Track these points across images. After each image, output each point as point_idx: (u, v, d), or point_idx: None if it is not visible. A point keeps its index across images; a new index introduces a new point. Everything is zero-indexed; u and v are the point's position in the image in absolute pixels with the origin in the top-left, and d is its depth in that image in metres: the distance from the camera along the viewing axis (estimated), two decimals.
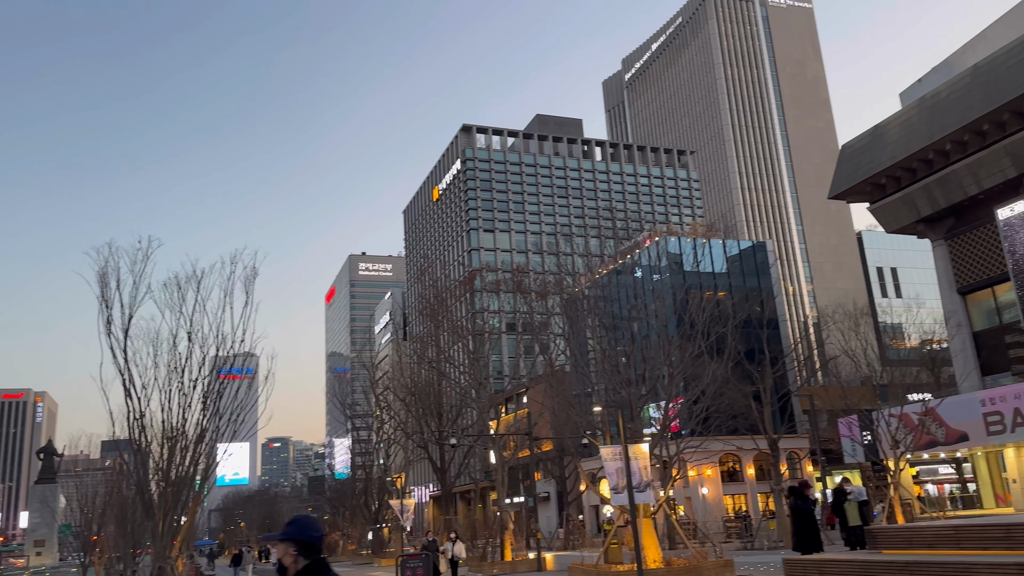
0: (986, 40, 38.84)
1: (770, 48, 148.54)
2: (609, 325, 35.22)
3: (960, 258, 40.52)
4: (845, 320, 37.94)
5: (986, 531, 10.14)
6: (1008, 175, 35.86)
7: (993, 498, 38.46)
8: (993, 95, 34.48)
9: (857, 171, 42.41)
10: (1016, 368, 37.64)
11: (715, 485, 57.21)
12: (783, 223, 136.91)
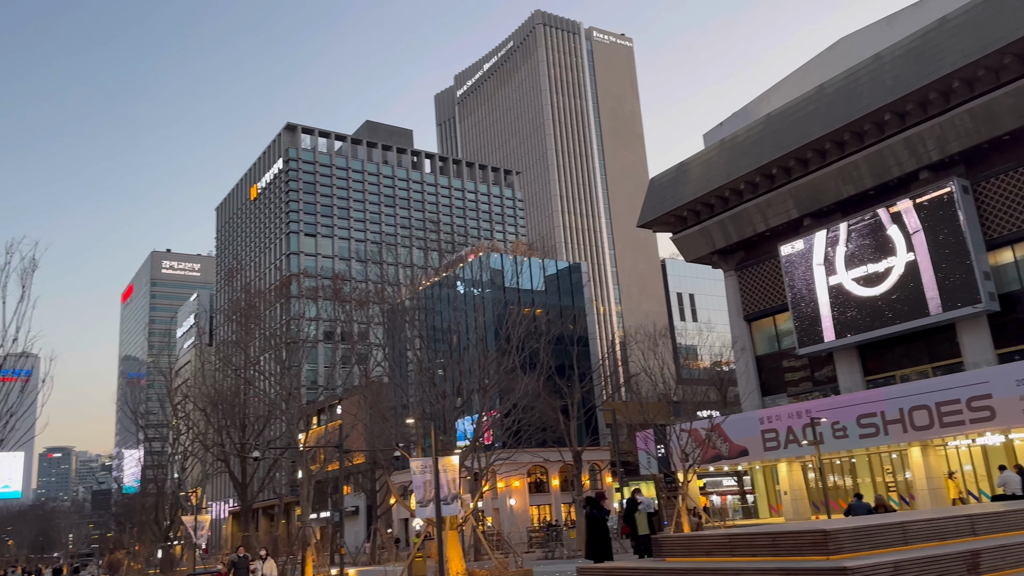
0: (779, 92, 43.22)
1: (593, 81, 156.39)
2: (429, 337, 35.24)
3: (748, 288, 44.59)
4: (646, 340, 40.47)
5: (755, 539, 11.07)
6: (791, 216, 40.05)
7: (768, 509, 42.41)
8: (782, 143, 38.41)
9: (663, 203, 45.55)
10: (791, 390, 41.93)
11: (522, 496, 58.68)
12: (598, 247, 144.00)
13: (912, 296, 34.30)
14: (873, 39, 38.27)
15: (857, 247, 36.79)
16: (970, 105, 31.64)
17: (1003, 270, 32.91)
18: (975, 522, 11.90)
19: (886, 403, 32.03)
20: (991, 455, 31.54)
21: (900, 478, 35.05)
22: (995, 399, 28.28)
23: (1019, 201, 32.23)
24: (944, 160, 33.62)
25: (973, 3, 31.41)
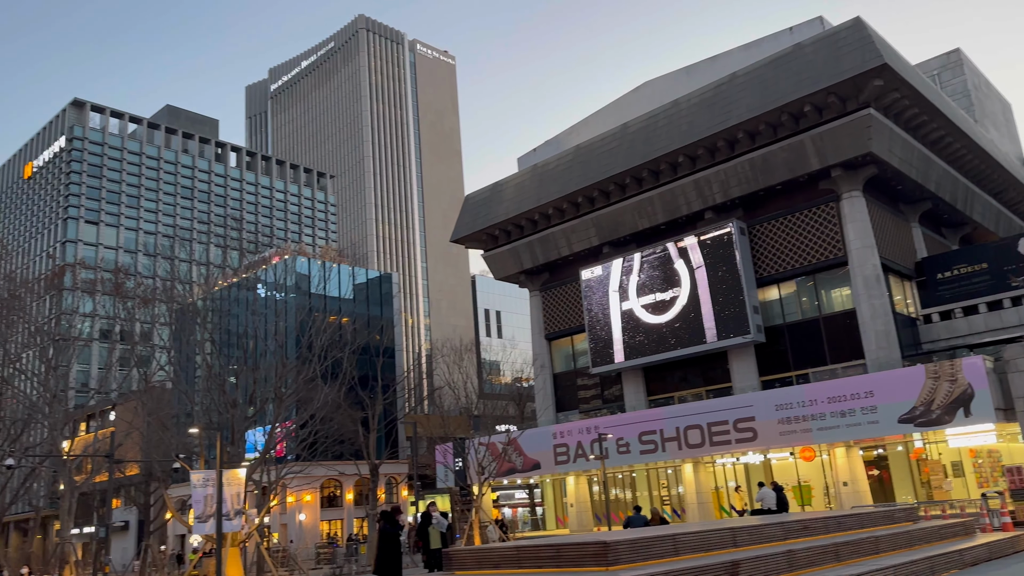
0: (588, 126, 45.61)
1: (415, 93, 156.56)
2: (222, 341, 33.17)
3: (550, 308, 46.42)
4: (452, 354, 40.83)
5: (540, 551, 11.42)
6: (593, 243, 42.29)
7: (555, 521, 44.10)
8: (588, 174, 40.52)
9: (476, 220, 46.39)
10: (583, 407, 44.05)
11: (313, 511, 56.73)
12: (410, 258, 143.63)
13: (692, 325, 37.36)
14: (673, 86, 41.54)
15: (648, 277, 39.52)
16: (751, 155, 35.18)
17: (769, 306, 36.78)
18: (736, 535, 13.06)
19: (665, 422, 34.54)
20: (752, 473, 34.95)
21: (674, 492, 37.86)
22: (757, 422, 31.42)
23: (785, 245, 36.23)
24: (726, 203, 37.06)
25: (759, 64, 35.03)
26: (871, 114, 31.54)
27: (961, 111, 41.85)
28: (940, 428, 27.28)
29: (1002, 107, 67.14)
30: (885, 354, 32.17)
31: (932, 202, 38.08)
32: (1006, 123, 66.60)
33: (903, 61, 33.31)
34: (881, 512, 18.46)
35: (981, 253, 35.69)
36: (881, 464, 32.12)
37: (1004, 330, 32.93)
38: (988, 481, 29.28)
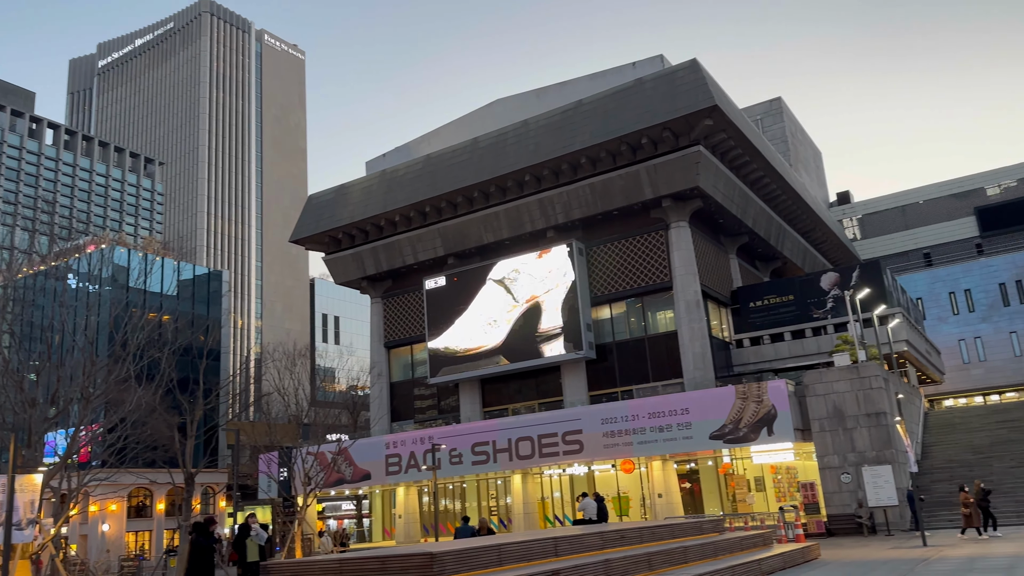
0: (439, 136, 45.75)
1: (259, 85, 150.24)
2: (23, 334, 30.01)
3: (391, 316, 45.93)
4: (284, 359, 39.29)
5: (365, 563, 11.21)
6: (438, 253, 42.35)
7: (382, 532, 43.43)
8: (437, 184, 40.61)
9: (319, 222, 45.12)
10: (419, 417, 43.83)
11: (119, 521, 52.48)
12: (244, 256, 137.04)
13: (529, 339, 38.30)
14: (523, 106, 42.61)
15: (491, 290, 40.10)
16: (592, 180, 36.72)
17: (601, 324, 38.42)
18: (558, 544, 13.45)
19: (498, 433, 35.08)
20: (576, 483, 36.21)
21: (502, 503, 38.47)
22: (584, 434, 32.64)
23: (619, 267, 38.03)
24: (568, 223, 38.42)
25: (603, 94, 36.70)
26: (700, 151, 33.90)
27: (779, 155, 45.95)
28: (746, 445, 29.57)
29: (814, 154, 74.41)
30: (701, 374, 34.49)
31: (749, 236, 41.40)
32: (816, 169, 73.86)
33: (732, 104, 36.12)
34: (691, 523, 19.71)
35: (789, 286, 39.20)
36: (693, 477, 34.32)
37: (805, 357, 36.30)
38: (785, 496, 32.05)
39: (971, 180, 68.64)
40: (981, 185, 67.83)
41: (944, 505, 26.95)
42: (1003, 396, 53.15)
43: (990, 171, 68.33)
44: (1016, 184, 66.14)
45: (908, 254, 67.30)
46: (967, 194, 67.94)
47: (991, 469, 28.65)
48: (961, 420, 35.90)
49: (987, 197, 67.13)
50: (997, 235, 64.38)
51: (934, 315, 53.68)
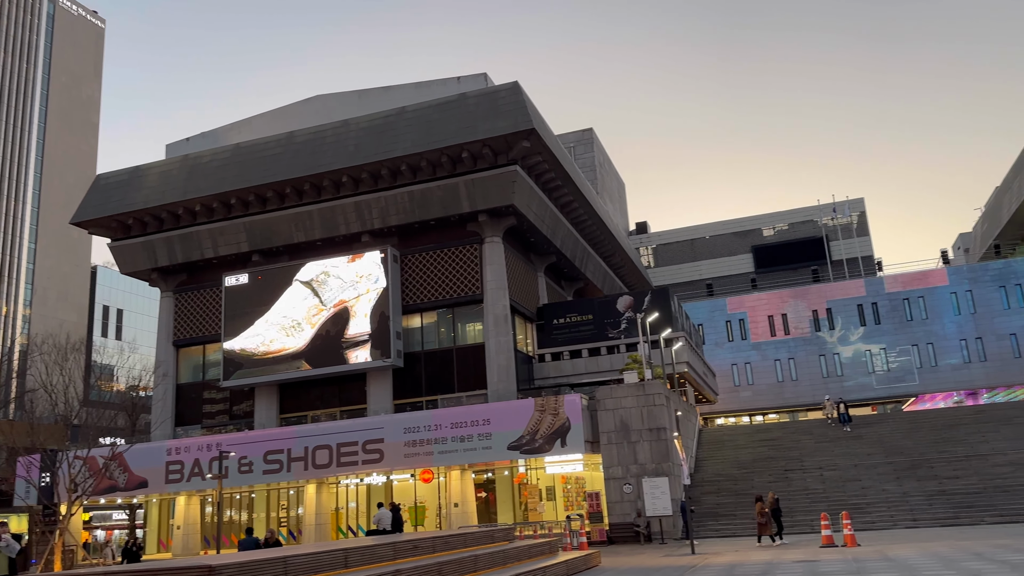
0: (251, 126, 43.59)
1: (48, 49, 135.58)
2: None
3: (183, 313, 42.88)
4: (55, 353, 35.39)
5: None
6: (242, 248, 40.19)
7: (157, 544, 40.22)
8: (246, 176, 38.61)
9: (108, 204, 41.31)
10: (207, 422, 41.14)
11: None
12: (14, 236, 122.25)
13: (335, 344, 37.36)
14: (345, 105, 41.73)
15: (297, 292, 38.69)
16: (411, 188, 36.64)
17: (411, 333, 38.30)
18: (349, 555, 13.16)
19: (295, 441, 33.79)
20: (374, 493, 35.67)
21: (293, 513, 37.05)
22: (386, 443, 32.27)
23: (433, 277, 38.17)
24: (384, 229, 38.02)
25: (427, 104, 36.84)
26: (517, 171, 34.96)
27: (588, 183, 48.44)
28: (541, 456, 30.67)
29: (618, 185, 79.29)
30: (504, 386, 35.38)
31: (557, 256, 43.21)
32: (620, 199, 78.73)
33: (548, 129, 37.62)
34: (483, 532, 20.08)
35: (589, 306, 41.30)
36: (489, 487, 35.03)
37: (599, 373, 38.35)
38: (573, 505, 33.57)
39: (751, 221, 76.26)
40: (759, 226, 75.56)
41: (712, 515, 29.48)
42: (766, 417, 59.30)
43: (766, 214, 76.39)
44: (787, 227, 74.37)
45: (694, 283, 73.40)
46: (747, 233, 75.38)
47: (752, 483, 31.75)
48: (730, 437, 39.52)
49: (763, 237, 74.89)
50: (769, 271, 71.95)
51: (712, 340, 58.84)
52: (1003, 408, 37.62)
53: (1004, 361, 52.15)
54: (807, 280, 66.25)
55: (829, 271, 67.99)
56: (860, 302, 55.89)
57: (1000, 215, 69.59)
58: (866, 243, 71.53)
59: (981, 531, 23.14)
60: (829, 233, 71.22)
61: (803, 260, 70.86)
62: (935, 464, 30.36)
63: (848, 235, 70.74)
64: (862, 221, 72.09)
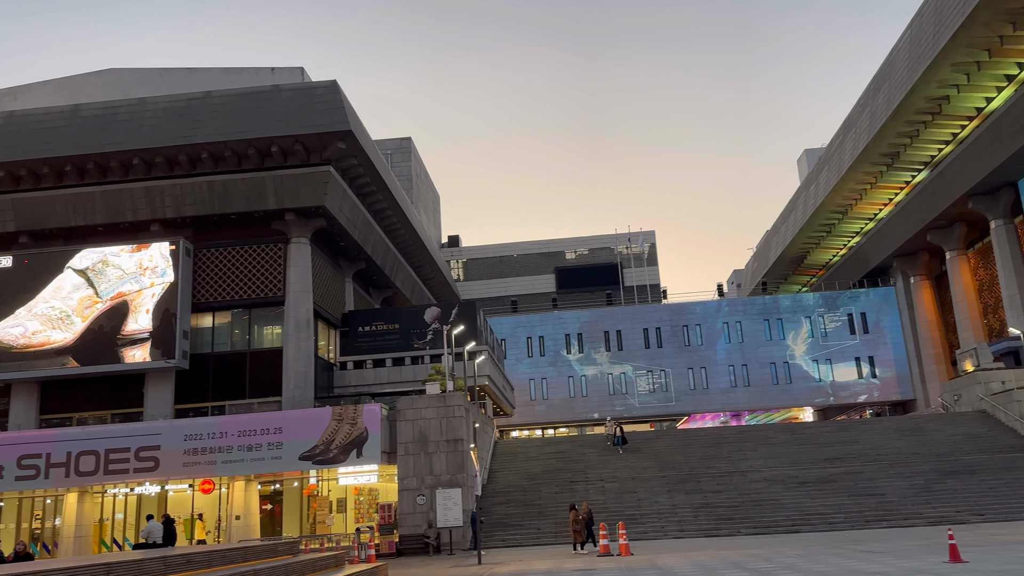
0: (31, 93, 39.10)
1: None
2: None
3: None
4: None
5: None
6: (7, 228, 35.73)
7: None
8: (19, 147, 34.44)
9: None
10: None
11: None
12: None
13: (111, 341, 34.18)
14: (143, 82, 38.59)
15: (66, 280, 35.00)
16: (211, 178, 34.48)
17: (200, 333, 35.91)
18: (112, 569, 12.00)
19: (56, 445, 30.41)
20: (145, 504, 32.90)
21: (49, 524, 33.28)
22: (163, 451, 29.89)
23: (229, 275, 36.08)
24: (177, 219, 35.43)
25: (237, 91, 34.93)
26: (330, 171, 34.07)
27: (403, 191, 48.26)
28: (335, 467, 29.87)
29: (433, 196, 79.74)
30: (301, 393, 34.14)
31: (366, 263, 42.54)
32: (434, 211, 79.19)
33: (366, 133, 37.06)
34: (265, 546, 19.14)
35: (396, 315, 41.01)
36: (276, 499, 33.55)
37: (402, 383, 38.12)
38: (364, 517, 32.98)
39: (556, 243, 79.71)
40: (562, 249, 79.13)
41: (500, 526, 30.19)
42: (557, 431, 61.89)
43: (570, 238, 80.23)
44: (588, 252, 78.52)
45: (500, 299, 75.33)
46: (551, 255, 78.66)
47: (540, 494, 32.95)
48: (523, 450, 40.78)
49: (565, 260, 78.52)
50: (569, 293, 75.50)
51: (513, 355, 60.61)
52: (761, 429, 41.94)
53: (764, 387, 58.23)
54: (602, 303, 70.24)
55: (621, 296, 72.57)
56: (646, 326, 60.09)
57: (768, 255, 77.94)
58: (655, 272, 77.24)
59: (738, 541, 25.56)
60: (623, 261, 76.11)
61: (600, 284, 75.09)
62: (702, 479, 33.16)
63: (640, 264, 76.00)
64: (652, 252, 77.78)
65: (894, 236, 55.58)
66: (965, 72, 39.61)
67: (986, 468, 31.41)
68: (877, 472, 32.18)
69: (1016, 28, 35.79)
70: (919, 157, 48.23)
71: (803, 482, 31.88)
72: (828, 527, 27.53)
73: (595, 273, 76.57)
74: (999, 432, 35.33)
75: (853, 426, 40.77)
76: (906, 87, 42.45)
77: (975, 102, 41.77)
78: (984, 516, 27.17)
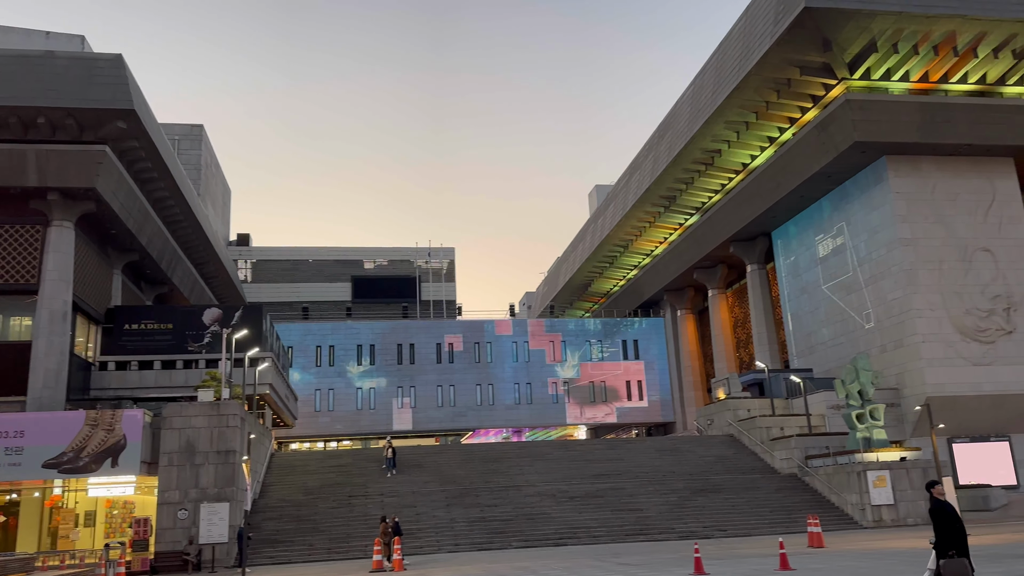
0: None
1: None
2: None
3: None
4: None
5: None
6: None
7: None
8: None
9: None
10: None
11: None
12: None
13: None
14: None
15: None
16: None
17: None
18: None
19: None
20: None
21: None
22: None
23: None
24: None
25: (3, 52, 30.91)
26: (105, 151, 31.07)
27: (190, 182, 45.07)
28: (85, 476, 26.99)
29: (224, 190, 75.23)
30: (50, 394, 30.59)
31: (140, 255, 39.13)
32: (224, 206, 74.68)
33: (151, 115, 34.23)
34: None
35: (170, 314, 38.06)
36: (11, 510, 29.69)
37: (171, 388, 35.36)
38: (116, 532, 30.07)
39: (354, 252, 78.27)
40: (361, 258, 77.87)
41: (270, 542, 28.81)
42: (340, 444, 60.45)
43: (370, 247, 79.15)
44: (387, 263, 77.90)
45: (291, 305, 72.48)
46: (349, 263, 77.10)
47: (316, 509, 31.91)
48: (302, 463, 39.34)
49: (364, 269, 77.31)
50: (365, 303, 74.32)
51: (300, 364, 58.49)
52: (540, 446, 43.68)
53: (545, 405, 60.81)
54: (398, 315, 69.89)
55: (418, 309, 72.71)
56: (440, 341, 60.63)
57: (558, 281, 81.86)
58: (452, 288, 78.23)
59: (509, 554, 26.32)
60: (422, 275, 76.38)
61: (397, 296, 74.69)
62: (480, 493, 33.87)
63: (438, 279, 76.66)
64: (451, 268, 78.80)
65: (666, 272, 60.64)
66: (736, 130, 44.31)
67: (730, 487, 34.92)
68: (638, 488, 34.65)
69: (779, 96, 40.69)
70: (692, 202, 53.14)
71: (572, 497, 33.57)
72: (592, 540, 29.16)
73: (393, 285, 76.08)
74: (743, 455, 39.46)
75: (620, 445, 43.68)
76: (686, 137, 46.68)
77: (742, 158, 46.83)
78: (727, 532, 30.13)
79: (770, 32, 37.57)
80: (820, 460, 34.83)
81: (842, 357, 41.93)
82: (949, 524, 9.54)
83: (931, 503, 9.92)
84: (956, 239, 39.44)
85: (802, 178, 42.52)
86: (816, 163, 41.07)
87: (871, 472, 31.17)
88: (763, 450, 38.45)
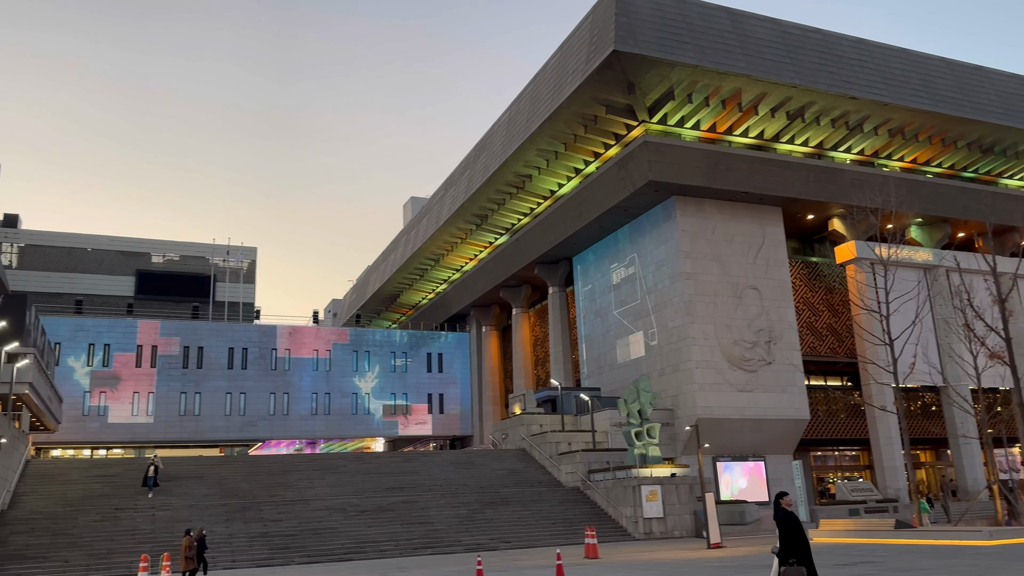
0: None
1: None
2: None
3: None
4: None
5: None
6: None
7: None
8: None
9: None
10: None
11: None
12: None
13: None
14: None
15: None
16: None
17: None
18: None
19: None
20: None
21: None
22: None
23: None
24: None
25: None
26: None
27: None
28: None
29: None
30: None
31: None
32: None
33: None
34: None
35: None
36: None
37: None
38: None
39: (141, 243, 72.39)
40: (149, 251, 72.18)
41: (18, 558, 25.75)
42: (109, 452, 55.32)
43: (159, 240, 73.61)
44: (179, 259, 72.76)
45: (63, 296, 65.58)
46: (135, 255, 71.18)
47: (75, 522, 28.96)
48: (62, 471, 35.60)
49: (151, 263, 71.67)
50: (150, 299, 68.84)
51: (69, 363, 52.99)
52: (333, 458, 42.60)
53: (344, 416, 59.46)
54: (187, 315, 65.40)
55: (211, 310, 68.50)
56: (233, 345, 57.47)
57: (367, 290, 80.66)
58: (251, 290, 74.58)
59: (290, 571, 25.35)
60: (218, 274, 72.15)
61: (188, 295, 69.92)
62: (264, 507, 32.39)
63: (236, 279, 72.77)
64: (252, 269, 75.14)
65: (474, 288, 61.83)
66: (546, 158, 46.29)
67: (518, 500, 36.04)
68: (430, 501, 34.81)
69: (587, 131, 43.06)
70: (503, 223, 54.71)
71: (363, 510, 33.05)
72: (380, 555, 28.84)
73: (184, 282, 71.14)
74: (533, 468, 40.92)
75: (416, 457, 43.69)
76: (500, 159, 48.09)
77: (550, 185, 48.95)
78: (511, 543, 31.02)
79: (581, 70, 39.73)
80: (601, 474, 36.92)
81: (628, 378, 44.84)
82: (793, 533, 10.06)
83: (778, 512, 10.38)
84: (730, 276, 43.62)
85: (602, 209, 45.16)
86: (615, 197, 43.82)
87: (645, 487, 33.52)
88: (551, 464, 40.11)
